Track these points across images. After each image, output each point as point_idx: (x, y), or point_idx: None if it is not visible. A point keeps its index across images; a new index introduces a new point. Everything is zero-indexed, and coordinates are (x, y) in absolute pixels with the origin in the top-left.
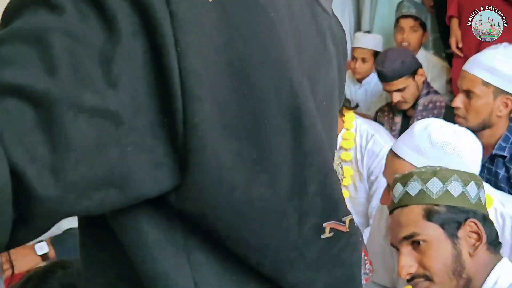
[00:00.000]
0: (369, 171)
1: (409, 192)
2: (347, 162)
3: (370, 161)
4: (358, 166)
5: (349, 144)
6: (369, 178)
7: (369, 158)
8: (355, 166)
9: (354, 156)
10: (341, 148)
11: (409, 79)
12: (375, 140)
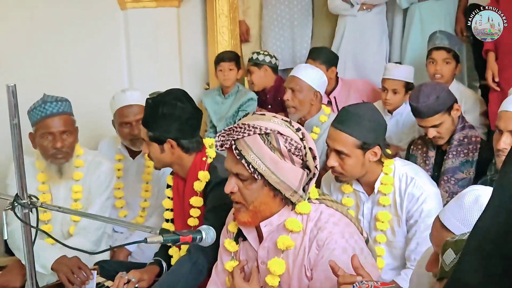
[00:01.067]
0: (408, 214)
1: (445, 266)
2: (386, 206)
3: (410, 205)
4: (397, 210)
5: (388, 189)
6: (408, 221)
7: (409, 202)
8: (393, 210)
9: (393, 200)
10: (379, 192)
11: (445, 114)
12: (415, 184)
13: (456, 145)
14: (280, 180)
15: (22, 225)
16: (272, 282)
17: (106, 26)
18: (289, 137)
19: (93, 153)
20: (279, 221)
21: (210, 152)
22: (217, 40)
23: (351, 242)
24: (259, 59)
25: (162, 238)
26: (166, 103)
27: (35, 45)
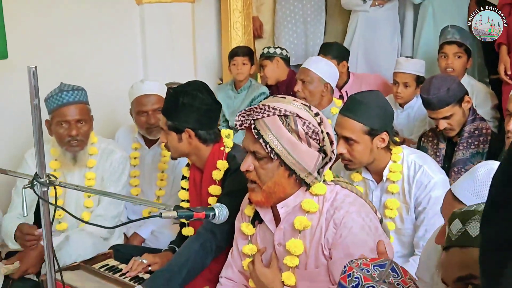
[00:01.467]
0: (417, 201)
1: (470, 233)
2: (394, 194)
3: (419, 192)
4: (406, 197)
5: (397, 176)
6: (417, 208)
7: (417, 189)
8: (402, 198)
9: (402, 187)
10: (388, 180)
11: (456, 106)
12: (424, 171)
13: (467, 137)
14: (296, 161)
15: (41, 203)
16: (291, 262)
17: (123, 20)
18: (307, 121)
19: (106, 141)
20: (295, 202)
21: (228, 142)
22: (230, 36)
23: (367, 220)
24: (270, 52)
25: (177, 213)
26: (186, 93)
27: (54, 39)
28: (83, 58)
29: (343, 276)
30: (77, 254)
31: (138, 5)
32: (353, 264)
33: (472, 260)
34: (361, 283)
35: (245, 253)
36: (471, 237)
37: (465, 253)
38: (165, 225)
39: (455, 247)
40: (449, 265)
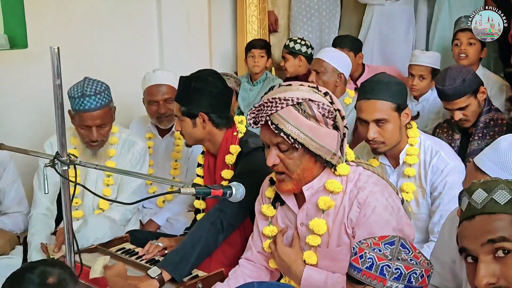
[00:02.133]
0: (432, 187)
1: (497, 200)
2: (411, 177)
3: (434, 177)
4: (422, 182)
5: (413, 159)
6: (432, 194)
7: (433, 174)
8: (418, 182)
9: (418, 172)
10: (405, 163)
11: (471, 97)
12: (440, 156)
13: (482, 127)
14: (320, 145)
15: (61, 181)
16: (314, 241)
17: (140, 12)
18: (320, 102)
19: (127, 132)
20: (319, 184)
21: (241, 127)
22: (246, 29)
23: (390, 201)
24: (295, 48)
25: (195, 189)
26: (198, 78)
27: (73, 30)
28: (101, 48)
29: (354, 258)
30: (95, 237)
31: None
32: (363, 245)
33: (503, 224)
34: (375, 263)
35: (265, 234)
36: (500, 204)
37: (494, 219)
38: (180, 213)
39: (482, 215)
40: (477, 231)
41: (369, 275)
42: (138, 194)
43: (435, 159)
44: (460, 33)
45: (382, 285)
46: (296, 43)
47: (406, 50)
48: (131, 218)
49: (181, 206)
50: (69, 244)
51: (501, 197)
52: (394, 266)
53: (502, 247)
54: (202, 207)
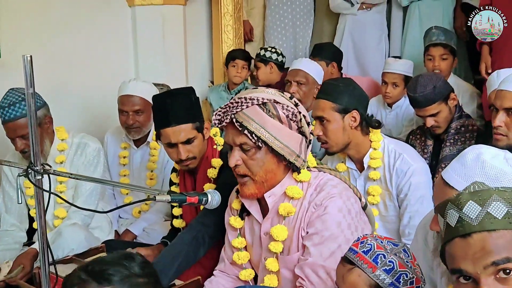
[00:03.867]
0: (398, 189)
1: (494, 214)
2: (376, 181)
3: (399, 180)
4: (387, 184)
5: (377, 163)
6: (399, 196)
7: (398, 176)
8: (384, 185)
9: (383, 175)
10: (369, 167)
11: (442, 104)
12: (403, 159)
13: (454, 133)
14: (283, 145)
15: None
16: (275, 248)
17: (115, 22)
18: (285, 104)
19: (80, 136)
20: (281, 190)
21: (219, 139)
22: (221, 39)
23: (348, 204)
24: (265, 56)
25: (170, 197)
26: (188, 90)
27: (47, 40)
28: (75, 58)
29: (355, 243)
30: (70, 248)
31: (130, 7)
32: (368, 235)
33: (505, 243)
34: (372, 249)
35: (234, 246)
36: (498, 219)
37: (495, 237)
38: (157, 222)
39: (481, 233)
40: (477, 252)
41: (363, 258)
42: (95, 196)
43: (399, 162)
44: (432, 48)
45: (371, 272)
46: (266, 50)
47: (379, 58)
48: (90, 223)
49: (157, 215)
50: (43, 255)
51: (498, 211)
52: (389, 258)
53: (506, 268)
54: (179, 213)
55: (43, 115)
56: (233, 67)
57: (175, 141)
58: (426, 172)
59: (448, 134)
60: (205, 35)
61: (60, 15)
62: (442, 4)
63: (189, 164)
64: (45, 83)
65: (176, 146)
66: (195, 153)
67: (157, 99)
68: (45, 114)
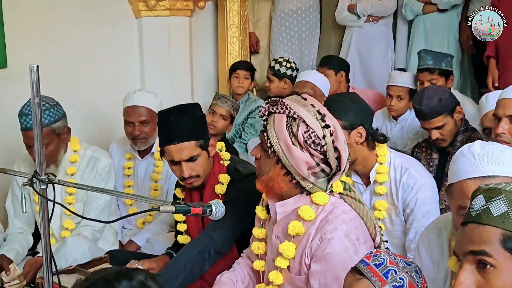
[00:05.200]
0: (404, 204)
1: (491, 211)
2: (382, 195)
3: (406, 194)
4: (394, 199)
5: (383, 177)
6: (405, 211)
7: (404, 191)
8: (390, 200)
9: (389, 190)
10: (376, 182)
11: (447, 116)
12: (410, 173)
13: (459, 147)
14: (289, 163)
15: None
16: (281, 263)
17: (121, 33)
18: (311, 129)
19: (92, 149)
20: (294, 205)
21: (225, 155)
22: (227, 50)
23: (356, 243)
24: (280, 71)
25: (174, 207)
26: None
27: (53, 50)
28: (81, 69)
29: (367, 255)
30: (73, 258)
31: (137, 18)
32: (382, 250)
33: (487, 238)
34: (385, 264)
35: (255, 235)
36: (492, 216)
37: (482, 230)
38: (160, 233)
39: (473, 223)
40: (464, 238)
41: (373, 271)
42: (106, 213)
43: (405, 176)
44: (420, 74)
45: (380, 286)
46: (281, 65)
47: (385, 70)
48: (99, 238)
49: (161, 226)
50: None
51: (496, 208)
52: (399, 275)
53: (481, 260)
54: (183, 229)
55: (63, 125)
56: (235, 78)
57: (178, 159)
58: (433, 187)
59: (454, 147)
60: (211, 46)
61: (66, 25)
62: (447, 17)
63: (192, 182)
64: (50, 93)
65: (179, 164)
66: (198, 171)
67: (161, 116)
68: (64, 124)
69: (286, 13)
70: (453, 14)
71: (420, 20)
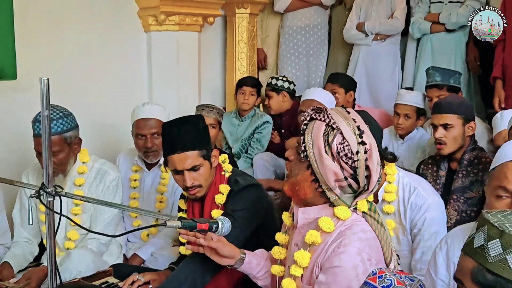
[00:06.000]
0: (412, 223)
1: (474, 241)
2: (390, 214)
3: (414, 214)
4: (401, 219)
5: (392, 197)
6: (412, 230)
7: (412, 211)
8: (398, 219)
9: (397, 209)
10: (384, 201)
11: (460, 120)
12: (418, 193)
13: (466, 165)
14: (319, 171)
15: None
16: (295, 271)
17: (130, 46)
18: (347, 142)
19: (101, 162)
20: (316, 215)
21: (227, 166)
22: (235, 66)
23: (367, 263)
24: (277, 85)
25: (181, 223)
26: (196, 117)
27: (63, 63)
28: (90, 82)
29: (372, 277)
30: (78, 270)
31: (146, 32)
32: (385, 270)
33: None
34: (393, 284)
35: (278, 240)
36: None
37: (462, 259)
38: (165, 247)
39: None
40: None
41: None
42: (113, 226)
43: (414, 196)
44: (429, 90)
45: None
46: (278, 79)
47: (392, 89)
48: (105, 251)
49: (165, 240)
50: (51, 277)
51: (477, 240)
52: None
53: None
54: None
55: (74, 135)
56: (241, 94)
57: (181, 168)
58: (441, 207)
59: (461, 165)
60: (219, 62)
61: (76, 38)
62: (454, 38)
63: (196, 192)
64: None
65: (182, 173)
66: (200, 181)
67: (165, 126)
68: (76, 135)
69: (294, 30)
70: (460, 34)
71: (427, 40)
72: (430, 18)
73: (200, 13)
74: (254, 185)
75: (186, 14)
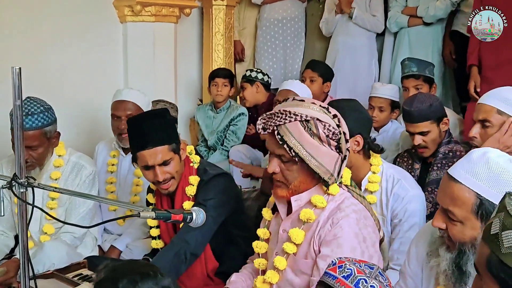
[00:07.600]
0: (393, 214)
1: (491, 227)
2: (372, 205)
3: (396, 204)
4: (383, 209)
5: (375, 187)
6: (393, 221)
7: (395, 201)
8: (379, 210)
9: (379, 199)
10: (366, 190)
11: (434, 124)
12: (401, 184)
13: (441, 158)
14: (319, 163)
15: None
16: (289, 249)
17: (106, 37)
18: (327, 123)
19: (77, 155)
20: (307, 198)
21: (194, 157)
22: (212, 58)
23: (364, 231)
24: (251, 76)
25: (155, 213)
26: (162, 111)
27: (37, 52)
28: (65, 72)
29: (332, 268)
30: (51, 262)
31: (122, 23)
32: (344, 259)
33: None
34: (354, 274)
35: (259, 235)
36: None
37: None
38: (140, 237)
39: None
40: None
41: (344, 284)
42: (87, 221)
43: (397, 187)
44: (405, 80)
45: None
46: (252, 71)
47: (368, 82)
48: (79, 244)
49: (141, 229)
50: (24, 269)
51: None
52: (370, 283)
53: None
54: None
55: (53, 129)
56: (214, 86)
57: (152, 163)
58: (422, 200)
59: (436, 158)
60: (195, 53)
61: (52, 29)
62: (432, 31)
63: (168, 187)
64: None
65: (153, 169)
66: (172, 174)
67: (132, 122)
68: (55, 129)
69: (272, 22)
70: (438, 28)
71: (404, 33)
72: (408, 12)
73: (176, 4)
74: (223, 174)
75: (162, 5)
